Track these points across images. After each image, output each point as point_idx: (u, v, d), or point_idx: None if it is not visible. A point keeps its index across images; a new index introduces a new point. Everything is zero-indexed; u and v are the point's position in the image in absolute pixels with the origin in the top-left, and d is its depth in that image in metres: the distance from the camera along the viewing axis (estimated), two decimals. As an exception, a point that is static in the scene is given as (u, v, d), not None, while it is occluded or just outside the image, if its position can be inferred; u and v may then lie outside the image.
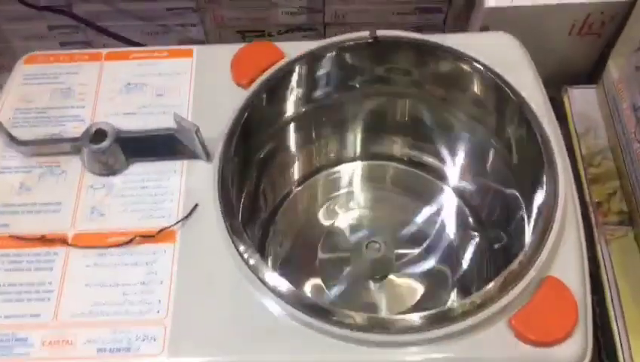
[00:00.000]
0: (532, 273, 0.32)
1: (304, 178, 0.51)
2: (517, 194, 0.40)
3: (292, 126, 0.47)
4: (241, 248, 0.34)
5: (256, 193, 0.47)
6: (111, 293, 0.34)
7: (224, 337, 0.33)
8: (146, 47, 0.45)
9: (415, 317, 0.32)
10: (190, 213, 0.36)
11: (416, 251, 0.48)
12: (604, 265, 0.49)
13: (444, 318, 0.31)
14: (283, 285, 0.33)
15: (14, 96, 0.42)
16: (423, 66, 0.42)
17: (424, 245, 0.48)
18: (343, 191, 0.51)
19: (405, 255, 0.48)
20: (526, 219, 0.39)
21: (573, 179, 0.56)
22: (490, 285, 0.32)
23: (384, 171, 0.51)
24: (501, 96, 0.40)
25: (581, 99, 0.58)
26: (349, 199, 0.51)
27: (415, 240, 0.48)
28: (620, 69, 0.54)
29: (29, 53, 0.44)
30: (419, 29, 0.66)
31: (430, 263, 0.47)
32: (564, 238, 0.34)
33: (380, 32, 0.41)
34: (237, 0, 0.63)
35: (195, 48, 0.44)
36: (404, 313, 0.42)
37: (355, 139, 0.51)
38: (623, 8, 0.55)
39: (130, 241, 0.35)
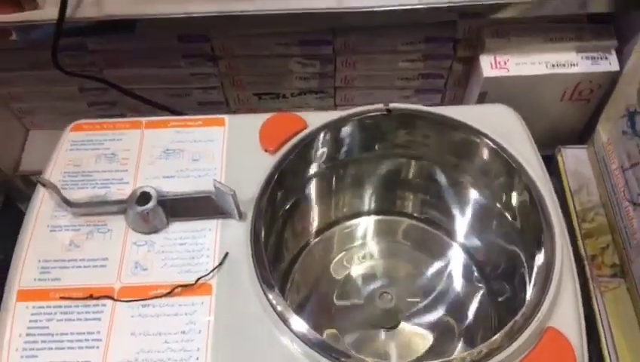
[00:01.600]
0: (534, 324, 0.36)
1: (321, 230, 0.55)
2: (519, 251, 0.44)
3: (314, 182, 0.52)
4: (271, 297, 0.38)
5: (281, 244, 0.51)
6: (154, 342, 0.38)
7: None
8: (181, 116, 0.49)
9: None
10: (222, 262, 0.40)
11: (425, 302, 0.51)
12: (600, 315, 0.51)
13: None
14: (308, 331, 0.37)
15: (63, 161, 0.47)
16: (434, 135, 0.47)
17: (432, 297, 0.52)
18: (357, 243, 0.55)
19: (415, 305, 0.51)
20: (527, 275, 0.42)
21: (568, 233, 0.61)
22: (497, 336, 0.35)
23: (396, 226, 0.55)
24: (503, 163, 0.44)
25: (574, 158, 0.62)
26: (363, 251, 0.55)
27: (424, 291, 0.52)
28: (609, 132, 0.59)
29: (76, 122, 0.49)
30: (420, 92, 0.71)
31: (438, 314, 0.51)
32: (562, 292, 0.38)
33: (393, 105, 0.46)
34: (256, 68, 0.69)
35: (226, 117, 0.48)
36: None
37: (371, 195, 0.55)
38: (610, 77, 0.61)
39: (171, 292, 0.39)
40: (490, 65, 0.61)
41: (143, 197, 0.42)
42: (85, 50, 0.67)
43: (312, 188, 0.52)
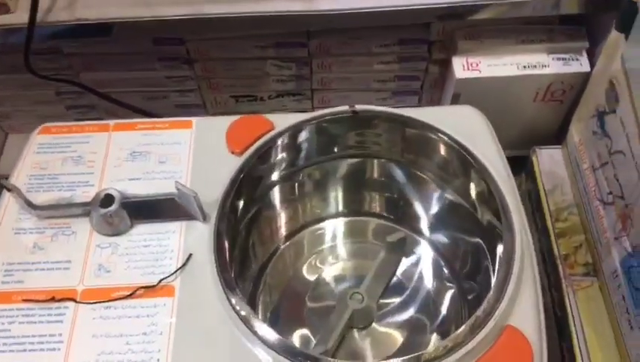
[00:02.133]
0: (492, 322, 0.36)
1: (291, 234, 0.55)
2: (484, 246, 0.44)
3: (277, 187, 0.52)
4: (234, 301, 0.38)
5: (247, 249, 0.51)
6: (115, 343, 0.38)
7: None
8: (149, 118, 0.49)
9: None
10: (185, 263, 0.40)
11: (396, 301, 0.51)
12: (572, 313, 0.52)
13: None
14: (272, 335, 0.37)
15: (29, 164, 0.47)
16: (397, 136, 0.47)
17: (404, 295, 0.52)
18: (327, 245, 0.56)
19: (387, 305, 0.51)
20: (491, 271, 0.43)
21: (542, 233, 0.61)
22: (459, 331, 0.36)
23: (365, 226, 0.55)
24: (464, 161, 0.45)
25: (548, 159, 0.63)
26: (333, 253, 0.55)
27: (395, 290, 0.52)
28: (580, 133, 0.59)
29: (43, 125, 0.49)
30: (396, 94, 0.72)
31: (410, 312, 0.51)
32: (522, 289, 0.38)
33: (359, 107, 0.46)
34: (232, 70, 0.69)
35: (194, 120, 0.49)
36: (384, 360, 0.46)
37: (337, 197, 0.55)
38: (581, 78, 0.62)
39: (133, 294, 0.39)
40: (462, 67, 0.61)
41: (107, 200, 0.42)
42: (60, 53, 0.67)
43: (278, 192, 0.52)
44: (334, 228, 0.56)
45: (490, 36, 0.62)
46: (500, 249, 0.40)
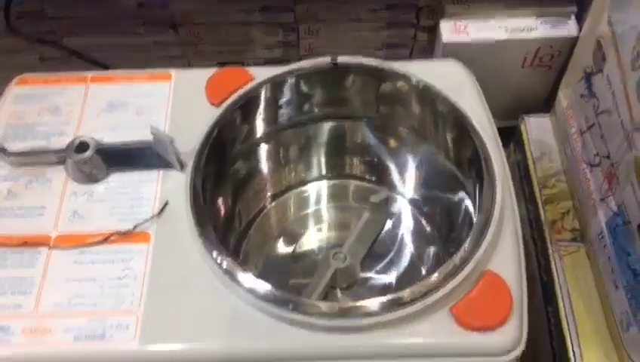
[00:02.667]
0: (470, 267, 0.36)
1: (275, 196, 0.55)
2: (465, 202, 0.44)
3: (262, 147, 0.51)
4: (207, 243, 0.38)
5: (232, 208, 0.50)
6: (89, 287, 0.37)
7: (191, 326, 0.36)
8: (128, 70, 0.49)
9: (369, 303, 0.35)
10: (161, 211, 0.40)
11: (379, 261, 0.51)
12: (558, 278, 0.52)
13: (394, 303, 0.35)
14: (245, 277, 0.36)
15: (5, 114, 0.46)
16: (376, 88, 0.47)
17: (387, 255, 0.51)
18: (311, 207, 0.55)
19: (370, 265, 0.51)
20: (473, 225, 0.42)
21: (530, 200, 0.60)
22: (433, 276, 0.35)
23: (346, 188, 0.55)
24: (445, 113, 0.44)
25: (537, 127, 0.63)
26: (317, 215, 0.55)
27: (379, 251, 0.51)
28: (568, 97, 0.59)
29: (20, 76, 0.48)
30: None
31: (393, 272, 0.50)
32: (502, 237, 0.38)
33: (340, 58, 0.46)
34: (218, 36, 0.68)
35: (173, 72, 0.48)
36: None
37: (320, 161, 0.55)
38: (569, 43, 0.61)
39: (107, 239, 0.39)
40: (450, 31, 0.61)
41: (82, 147, 0.41)
42: (44, 17, 0.66)
43: (262, 154, 0.51)
44: (318, 191, 0.56)
45: (478, 0, 0.62)
46: (480, 199, 0.39)
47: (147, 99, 0.46)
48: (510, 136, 0.64)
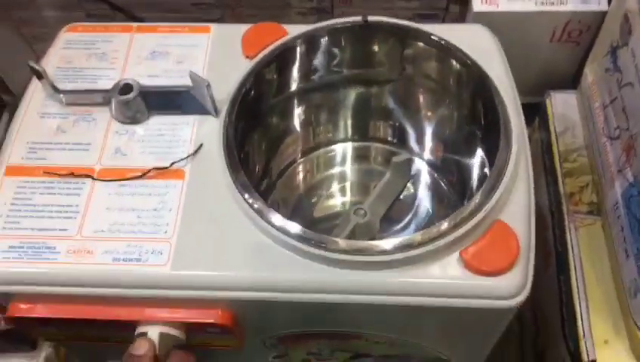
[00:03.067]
0: (480, 216, 0.38)
1: (304, 152, 0.58)
2: (483, 159, 0.46)
3: (294, 104, 0.54)
4: (239, 181, 0.40)
5: (263, 158, 0.53)
6: (128, 216, 0.41)
7: (219, 255, 0.39)
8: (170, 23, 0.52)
9: (383, 243, 0.38)
10: (196, 151, 0.43)
11: (399, 220, 0.54)
12: (572, 248, 0.53)
13: (407, 244, 0.37)
14: (271, 214, 0.39)
15: (55, 58, 0.49)
16: (400, 47, 0.49)
17: (406, 215, 0.54)
18: (336, 166, 0.58)
19: (389, 223, 0.53)
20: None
21: (550, 173, 0.61)
22: (445, 222, 0.38)
23: (370, 151, 0.58)
24: (467, 73, 0.46)
25: (562, 103, 0.63)
26: (341, 174, 0.58)
27: (399, 210, 0.54)
28: (594, 72, 0.59)
29: (71, 24, 0.52)
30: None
31: (411, 227, 0.53)
32: (515, 190, 0.40)
33: (371, 17, 0.48)
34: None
35: (212, 25, 0.51)
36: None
37: (346, 123, 0.57)
38: (598, 18, 0.61)
39: (146, 173, 0.42)
40: (480, 1, 0.62)
41: (126, 88, 0.44)
42: (92, -25, 0.69)
43: (292, 112, 0.54)
44: (344, 151, 0.59)
45: (510, -27, 0.63)
46: (495, 153, 0.41)
47: (187, 50, 0.49)
48: (536, 111, 0.66)
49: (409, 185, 0.55)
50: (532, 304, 0.63)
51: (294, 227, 0.39)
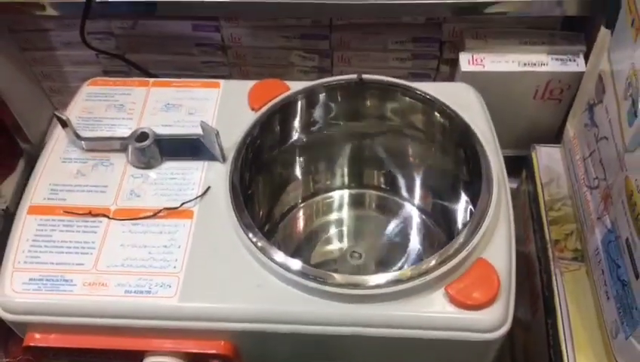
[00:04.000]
0: (464, 254, 0.41)
1: (304, 199, 0.62)
2: (468, 202, 0.49)
3: (295, 153, 0.58)
4: (243, 221, 0.44)
5: (266, 203, 0.57)
6: (140, 252, 0.44)
7: (223, 289, 0.42)
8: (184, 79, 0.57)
9: (376, 278, 0.41)
10: (204, 193, 0.47)
11: (392, 263, 0.57)
12: (558, 293, 0.56)
13: (396, 279, 0.40)
14: (273, 251, 0.43)
15: (78, 108, 0.54)
16: (394, 102, 0.54)
17: (399, 255, 0.57)
18: (334, 212, 0.62)
19: (383, 264, 0.57)
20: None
21: (536, 221, 0.65)
22: (432, 259, 0.41)
23: (365, 198, 0.62)
24: (451, 124, 0.50)
25: (547, 156, 0.67)
26: (338, 219, 0.61)
27: (392, 251, 0.57)
28: (574, 127, 0.64)
29: (93, 79, 0.57)
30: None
31: (405, 268, 0.56)
32: (497, 230, 0.44)
33: (365, 76, 0.53)
34: (261, 58, 0.76)
35: (221, 81, 0.56)
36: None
37: (343, 172, 0.62)
38: (577, 78, 0.66)
39: (158, 213, 0.46)
40: (468, 62, 0.67)
41: (142, 136, 0.49)
42: (111, 34, 0.75)
43: (293, 161, 0.58)
44: (341, 198, 0.63)
45: (495, 37, 0.68)
46: (478, 196, 0.45)
47: (198, 103, 0.54)
48: (522, 164, 0.70)
49: (400, 228, 0.58)
50: (524, 346, 0.65)
51: (295, 263, 0.42)
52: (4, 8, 0.65)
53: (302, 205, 0.61)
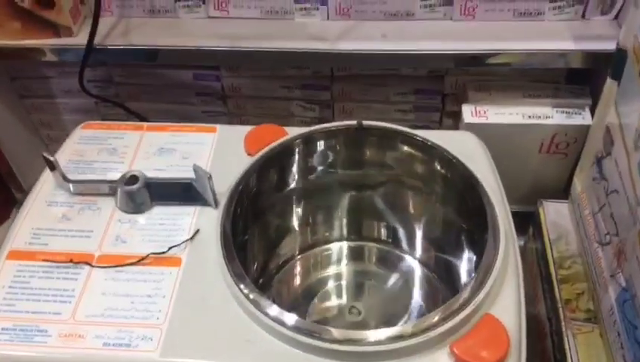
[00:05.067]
0: (469, 309, 0.38)
1: (301, 251, 0.59)
2: (473, 255, 0.47)
3: (291, 203, 0.56)
4: (233, 271, 0.41)
5: (264, 258, 0.54)
6: (121, 301, 0.41)
7: (209, 344, 0.39)
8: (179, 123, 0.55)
9: (376, 333, 0.38)
10: (193, 236, 0.44)
11: (393, 319, 0.53)
12: (571, 356, 0.52)
13: (397, 335, 0.37)
14: (266, 304, 0.40)
15: (69, 151, 0.52)
16: (393, 150, 0.52)
17: (401, 311, 0.54)
18: (332, 265, 0.59)
19: (384, 320, 0.53)
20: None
21: (546, 280, 0.62)
22: (435, 314, 0.38)
23: (365, 250, 0.59)
24: (456, 174, 0.48)
25: (555, 212, 0.65)
26: (337, 272, 0.58)
27: (393, 306, 0.54)
28: (582, 182, 0.62)
29: (87, 122, 0.55)
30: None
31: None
32: (505, 284, 0.41)
33: (365, 122, 0.51)
34: (261, 108, 0.76)
35: (218, 126, 0.54)
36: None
37: (341, 224, 0.59)
38: (583, 131, 0.64)
39: (143, 259, 0.43)
40: (471, 113, 0.66)
41: (132, 179, 0.47)
42: (111, 82, 0.75)
43: (290, 212, 0.56)
44: (339, 250, 0.60)
45: (498, 90, 0.67)
46: (484, 247, 0.42)
47: (193, 147, 0.52)
48: (529, 220, 0.67)
49: (402, 281, 0.55)
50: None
51: (288, 317, 0.39)
52: (6, 54, 0.65)
53: (299, 257, 0.59)
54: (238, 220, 0.47)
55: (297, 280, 0.58)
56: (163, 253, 0.43)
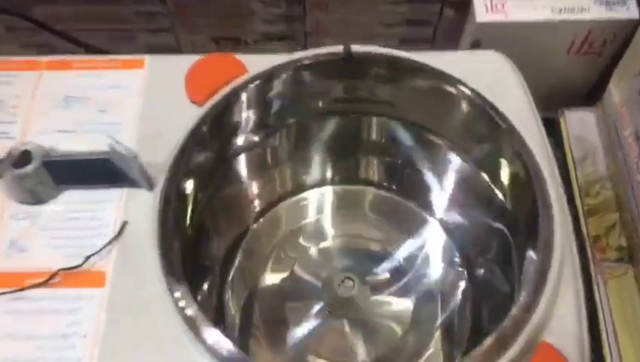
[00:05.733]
0: (522, 339, 0.28)
1: (262, 211, 0.46)
2: (507, 233, 0.36)
3: (247, 152, 0.42)
4: (178, 294, 0.29)
5: (210, 231, 0.42)
6: (23, 348, 0.29)
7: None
8: (95, 55, 0.40)
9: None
10: (119, 234, 0.32)
11: (397, 290, 0.44)
12: (602, 306, 0.46)
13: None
14: (218, 339, 0.29)
15: None
16: (401, 88, 0.38)
17: (404, 283, 0.44)
18: (311, 219, 0.47)
19: (383, 293, 0.44)
20: (515, 265, 0.34)
21: (569, 209, 0.53)
22: (481, 348, 0.27)
23: (360, 197, 0.47)
24: (489, 123, 0.36)
25: (578, 123, 0.56)
26: (318, 230, 0.47)
27: (395, 276, 0.44)
28: (622, 92, 0.51)
29: (-41, 58, 0.40)
30: (405, 42, 0.63)
31: (410, 303, 0.43)
32: (560, 299, 0.30)
33: (355, 48, 0.36)
34: (210, 6, 0.60)
35: (146, 58, 0.39)
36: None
37: (324, 161, 0.46)
38: (627, 27, 0.52)
39: (51, 278, 0.30)
40: (484, 9, 0.52)
41: (24, 157, 0.33)
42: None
43: (248, 158, 0.43)
44: (320, 199, 0.48)
45: (521, -27, 0.53)
46: (532, 244, 0.31)
47: (113, 93, 0.38)
48: (546, 130, 0.57)
49: (408, 242, 0.45)
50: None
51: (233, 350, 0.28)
52: None
53: (261, 219, 0.46)
54: (182, 199, 0.34)
55: (266, 247, 0.46)
56: (78, 266, 0.30)
